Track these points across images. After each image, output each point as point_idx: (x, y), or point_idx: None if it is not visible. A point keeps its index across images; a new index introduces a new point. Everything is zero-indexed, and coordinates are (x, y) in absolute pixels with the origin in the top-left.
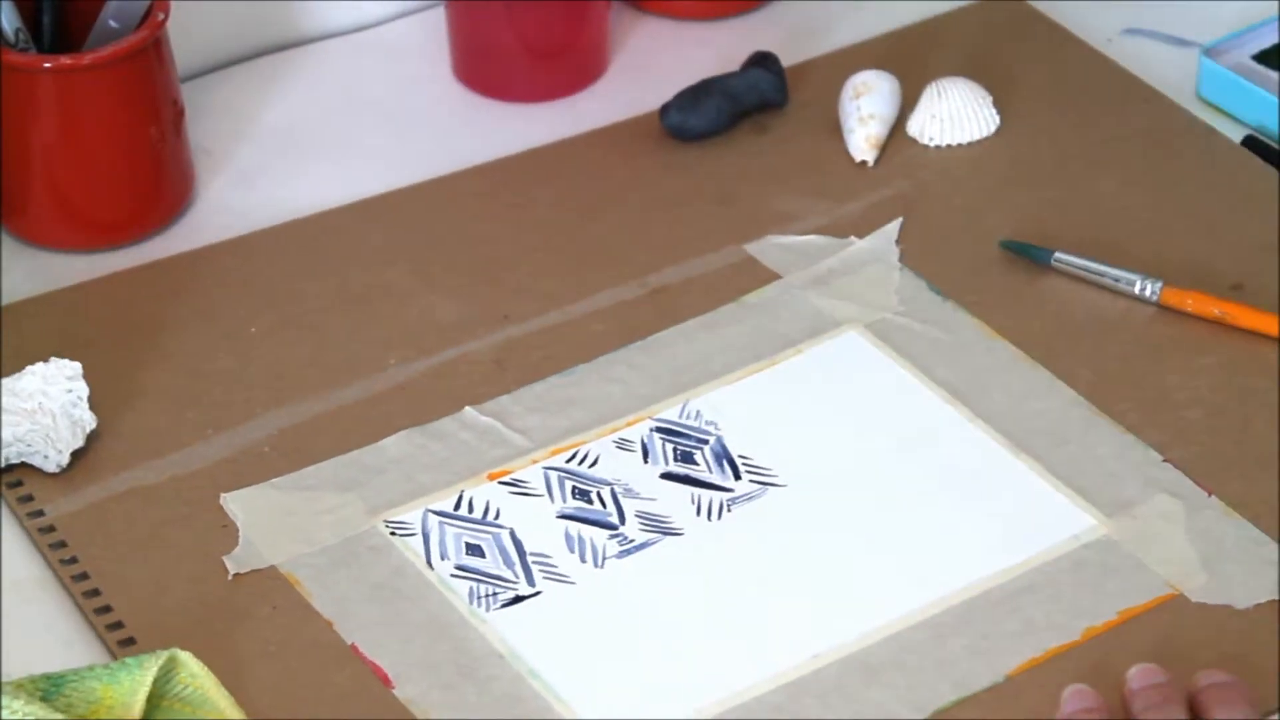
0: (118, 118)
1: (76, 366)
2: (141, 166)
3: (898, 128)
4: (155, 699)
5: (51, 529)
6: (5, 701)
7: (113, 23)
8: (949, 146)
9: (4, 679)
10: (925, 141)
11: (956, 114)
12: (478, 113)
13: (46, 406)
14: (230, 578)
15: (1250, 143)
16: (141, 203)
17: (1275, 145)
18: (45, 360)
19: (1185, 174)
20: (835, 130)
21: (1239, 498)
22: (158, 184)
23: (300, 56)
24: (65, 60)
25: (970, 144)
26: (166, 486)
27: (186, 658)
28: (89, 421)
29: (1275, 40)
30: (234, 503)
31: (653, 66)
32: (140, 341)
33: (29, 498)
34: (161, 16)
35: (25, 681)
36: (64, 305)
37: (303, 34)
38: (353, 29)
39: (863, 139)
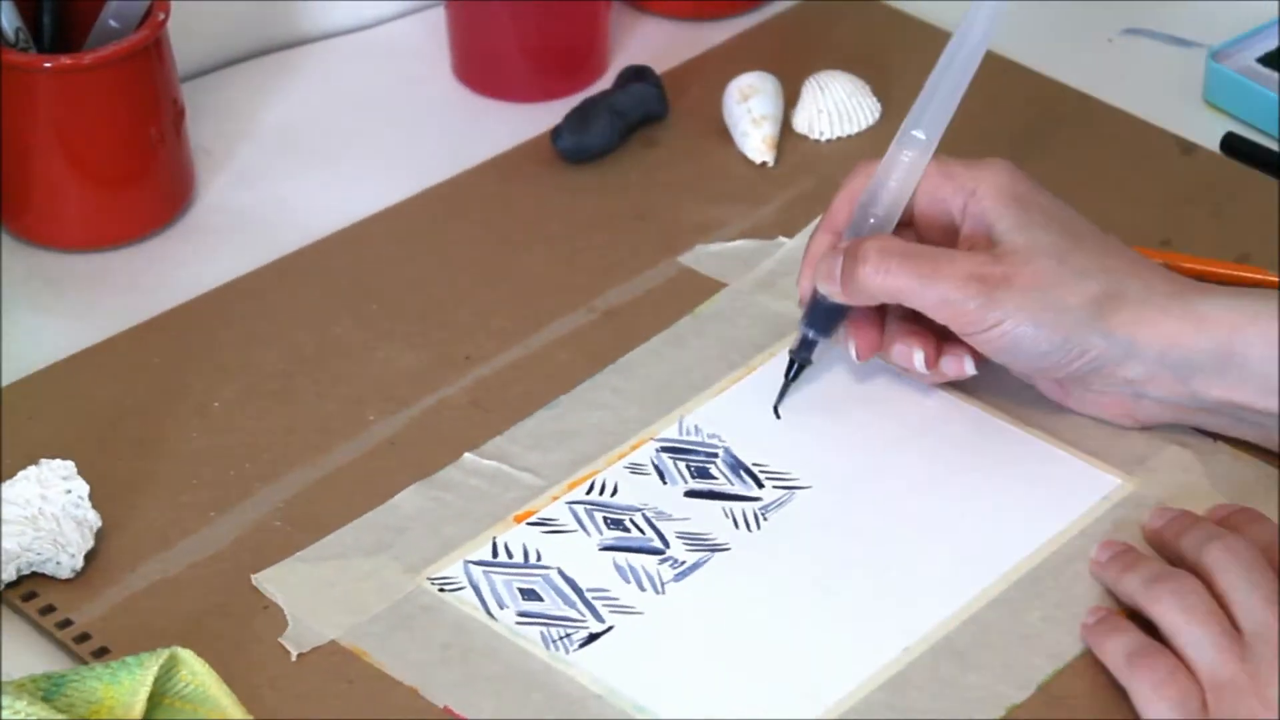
0: (118, 118)
1: (70, 465)
2: (141, 166)
3: (785, 125)
4: (156, 697)
5: (87, 636)
6: (6, 702)
7: (113, 23)
8: (839, 139)
9: (5, 679)
10: (816, 136)
11: (841, 106)
12: (478, 113)
13: (48, 511)
14: (295, 659)
15: (1230, 141)
16: (141, 202)
17: (1256, 143)
18: (35, 463)
19: (1068, 146)
20: (722, 134)
21: (1238, 443)
22: (158, 184)
23: (300, 56)
24: (65, 60)
25: (860, 134)
26: (188, 575)
27: (187, 655)
28: (94, 520)
29: (1278, 43)
30: (269, 582)
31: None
32: (107, 430)
33: (50, 608)
34: (161, 16)
35: (26, 681)
36: (15, 403)
37: (303, 34)
38: (353, 29)
39: (759, 140)
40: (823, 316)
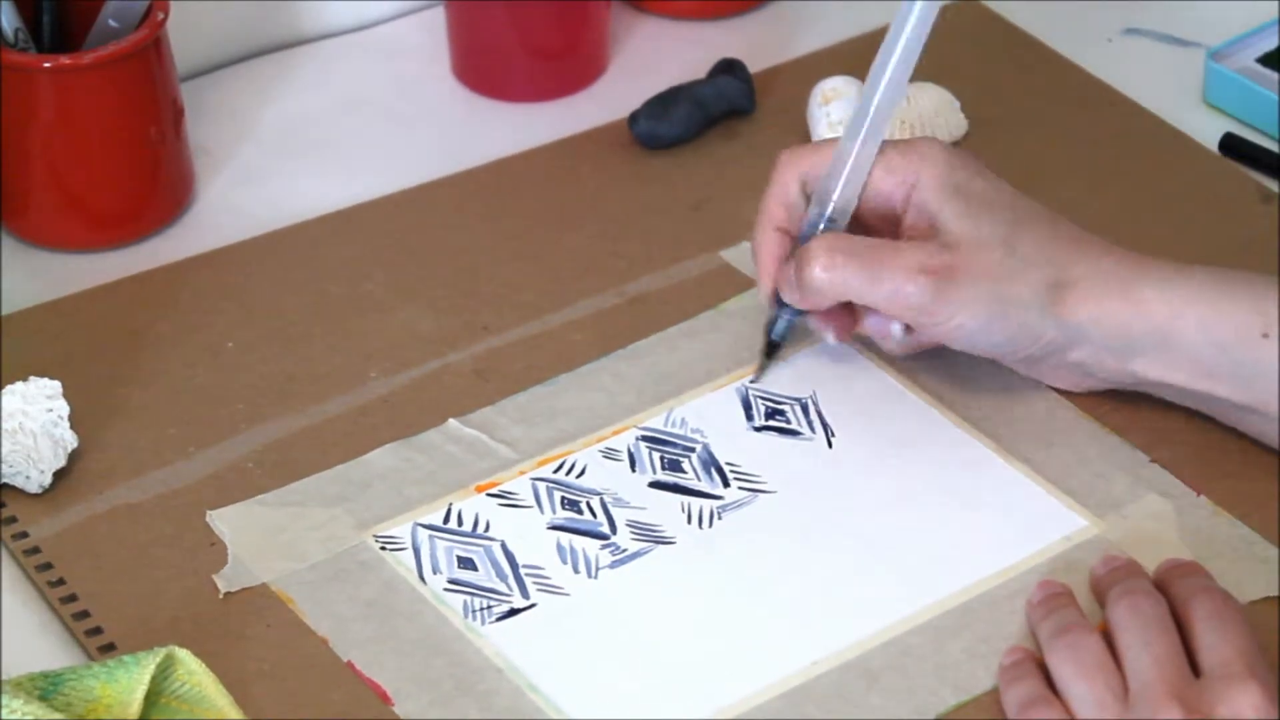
0: (118, 117)
1: (56, 385)
2: (141, 166)
3: None
4: (153, 696)
5: (37, 550)
6: (4, 700)
7: (113, 22)
8: None
9: (4, 678)
10: None
11: (926, 119)
12: (478, 113)
13: (27, 426)
14: (222, 596)
15: (1228, 141)
16: (141, 202)
17: (1253, 143)
18: (24, 379)
19: (1155, 178)
20: (805, 136)
21: (1227, 497)
22: (158, 184)
23: (300, 56)
24: (65, 60)
25: None
26: (152, 504)
27: (184, 655)
28: (70, 441)
29: (1278, 43)
30: (221, 520)
31: (653, 66)
32: (118, 358)
33: (13, 519)
34: (161, 16)
35: (24, 680)
36: (41, 322)
37: (303, 34)
38: (353, 29)
39: None
40: (788, 309)
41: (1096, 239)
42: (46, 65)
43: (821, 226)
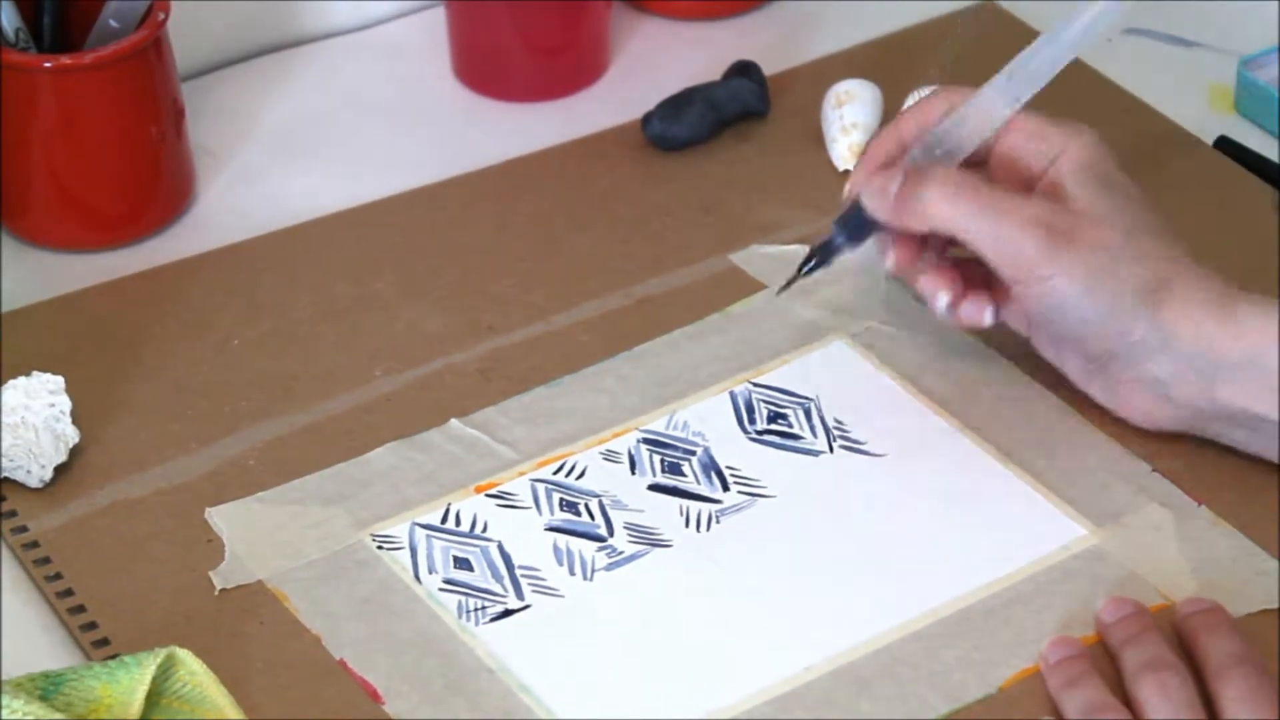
0: (118, 117)
1: (59, 380)
2: (141, 166)
3: None
4: (154, 697)
5: (35, 544)
6: (5, 701)
7: (113, 22)
8: None
9: (4, 678)
10: None
11: None
12: (478, 113)
13: (29, 421)
14: (217, 593)
15: (1222, 143)
16: (142, 202)
17: (1246, 146)
18: (27, 374)
19: (1168, 182)
20: (819, 139)
21: (1228, 508)
22: (158, 184)
23: (300, 56)
24: (65, 60)
25: None
26: (151, 500)
27: (185, 655)
28: (72, 436)
29: None
30: (219, 517)
31: (653, 67)
32: (123, 353)
33: (13, 513)
34: (161, 16)
35: (24, 680)
36: (43, 318)
37: (303, 34)
38: (353, 29)
39: (845, 148)
40: (857, 226)
41: (1207, 267)
42: (47, 65)
43: (938, 155)
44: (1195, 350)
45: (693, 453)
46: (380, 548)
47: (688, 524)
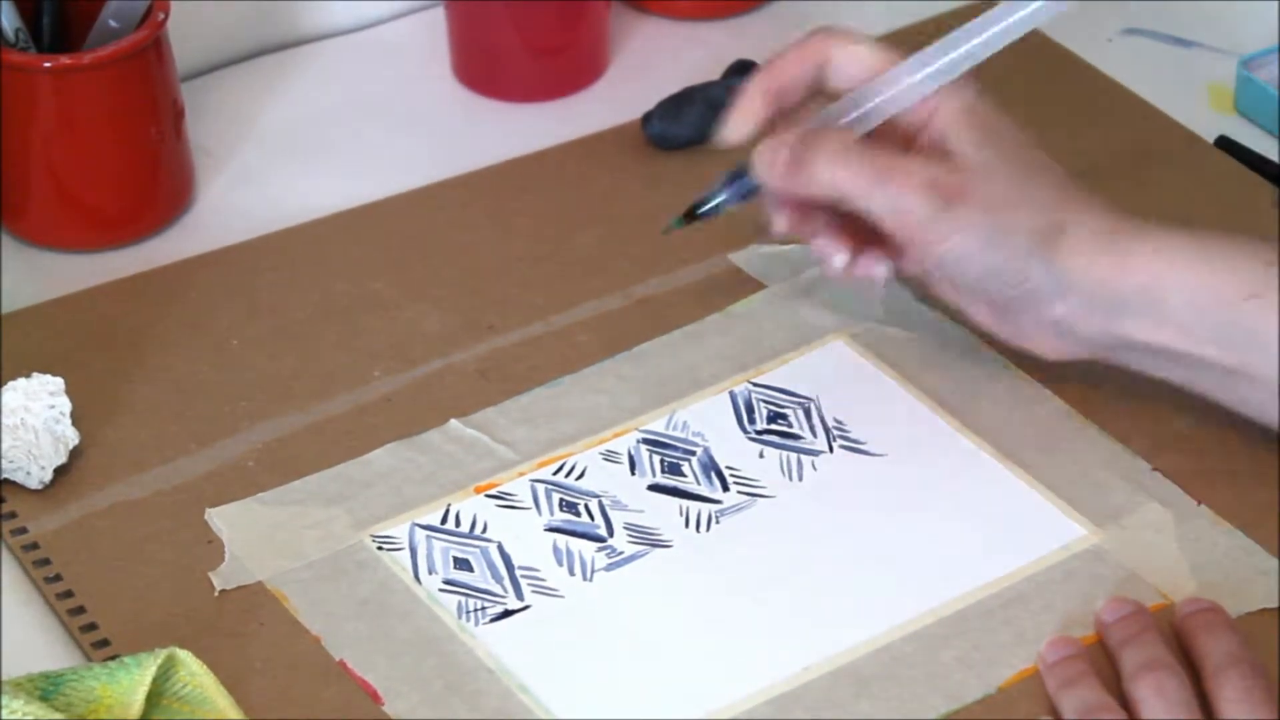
0: (118, 118)
1: (59, 382)
2: (141, 166)
3: None
4: (154, 697)
5: (35, 546)
6: (5, 701)
7: (113, 22)
8: None
9: (4, 678)
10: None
11: None
12: (478, 113)
13: (29, 422)
14: (217, 594)
15: (1223, 143)
16: (142, 203)
17: (1246, 146)
18: (27, 375)
19: (1168, 181)
20: None
21: (1228, 507)
22: (158, 184)
23: (300, 56)
24: (65, 60)
25: None
26: (150, 501)
27: (186, 656)
28: (72, 437)
29: None
30: (219, 518)
31: (652, 67)
32: (123, 354)
33: (12, 514)
34: (161, 16)
35: (24, 680)
36: (43, 319)
37: (303, 34)
38: (353, 29)
39: None
40: (745, 186)
41: (1100, 199)
42: (47, 65)
43: (841, 124)
44: (1092, 290)
45: (692, 453)
46: (380, 548)
47: (687, 524)
